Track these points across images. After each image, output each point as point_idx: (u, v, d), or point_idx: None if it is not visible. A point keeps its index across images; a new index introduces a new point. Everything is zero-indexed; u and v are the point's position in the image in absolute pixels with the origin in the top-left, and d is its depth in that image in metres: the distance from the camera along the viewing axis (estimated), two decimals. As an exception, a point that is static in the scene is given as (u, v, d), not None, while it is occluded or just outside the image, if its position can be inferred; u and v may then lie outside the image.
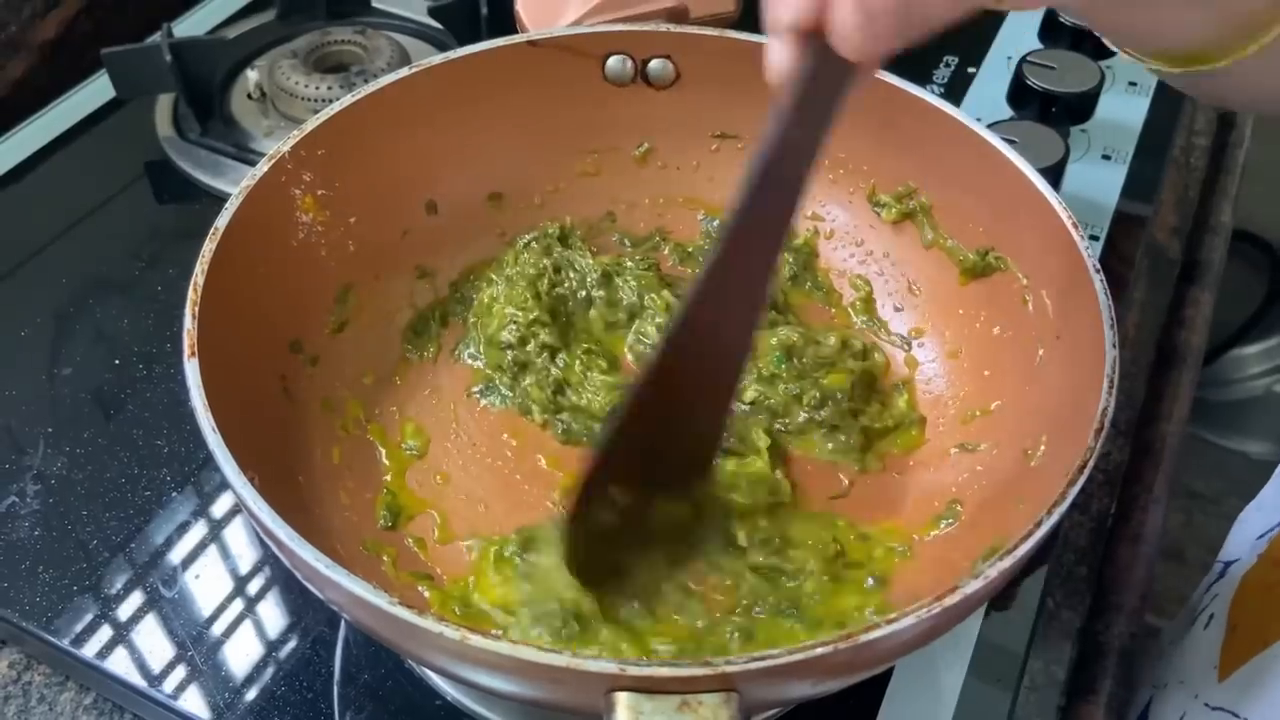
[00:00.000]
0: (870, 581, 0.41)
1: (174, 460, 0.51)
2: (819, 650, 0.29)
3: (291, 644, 0.45)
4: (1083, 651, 0.52)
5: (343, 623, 0.45)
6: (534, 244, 0.51)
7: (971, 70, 0.70)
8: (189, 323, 0.37)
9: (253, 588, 0.47)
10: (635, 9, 0.58)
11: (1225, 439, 1.58)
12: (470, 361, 0.49)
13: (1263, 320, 1.58)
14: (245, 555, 0.48)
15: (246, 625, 0.46)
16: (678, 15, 0.59)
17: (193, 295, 0.38)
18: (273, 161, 0.43)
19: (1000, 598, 0.48)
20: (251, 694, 0.43)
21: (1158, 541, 0.56)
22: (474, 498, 0.45)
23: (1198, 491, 1.53)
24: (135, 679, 0.43)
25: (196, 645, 0.45)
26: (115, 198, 0.65)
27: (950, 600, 0.30)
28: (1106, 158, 0.66)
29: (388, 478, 0.45)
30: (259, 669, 0.44)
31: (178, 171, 0.65)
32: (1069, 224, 0.41)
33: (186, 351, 0.36)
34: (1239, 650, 0.44)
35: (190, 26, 0.74)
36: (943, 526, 0.42)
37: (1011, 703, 0.45)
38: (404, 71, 0.47)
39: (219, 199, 0.63)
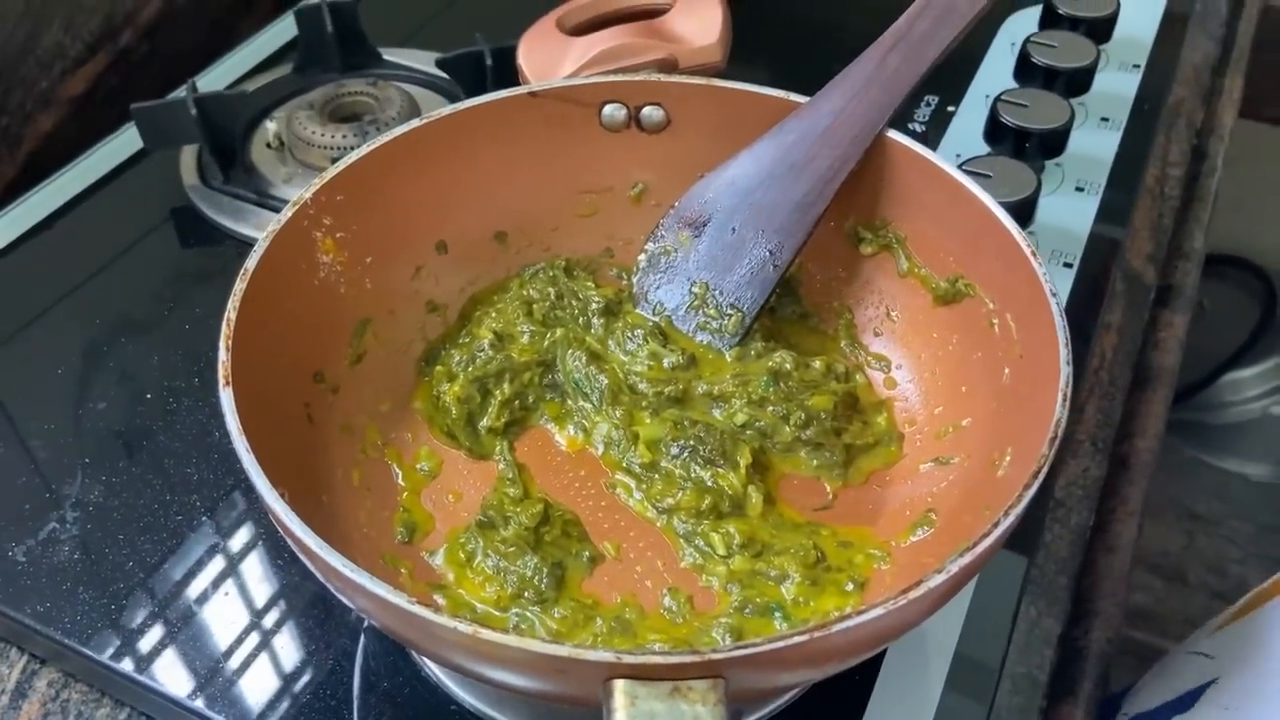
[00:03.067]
0: (850, 585, 0.44)
1: (203, 487, 0.54)
2: (796, 639, 0.32)
3: (316, 656, 0.48)
4: (1063, 656, 0.54)
5: (362, 636, 0.49)
6: (540, 274, 0.54)
7: (951, 109, 0.74)
8: (223, 354, 0.40)
9: (279, 605, 0.50)
10: (628, 61, 0.62)
11: (1224, 461, 1.60)
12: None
13: (1258, 343, 1.61)
14: (272, 574, 0.51)
15: (274, 639, 0.49)
16: (668, 66, 0.62)
17: (226, 330, 0.41)
18: (296, 207, 0.47)
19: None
20: (279, 703, 0.46)
21: (1133, 552, 0.59)
22: (484, 515, 0.48)
23: (1199, 514, 1.55)
24: (172, 691, 0.46)
25: (228, 658, 0.48)
26: (142, 242, 0.68)
27: (915, 593, 0.33)
28: (1080, 189, 0.69)
29: (403, 496, 0.48)
30: (287, 680, 0.47)
31: (202, 217, 0.69)
32: (1028, 252, 0.44)
33: (221, 381, 0.39)
34: None
35: (212, 81, 0.78)
36: (918, 534, 0.45)
37: (989, 706, 0.48)
38: (415, 122, 0.51)
39: (241, 242, 0.67)
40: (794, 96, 0.52)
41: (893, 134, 0.50)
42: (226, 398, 0.39)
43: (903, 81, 0.50)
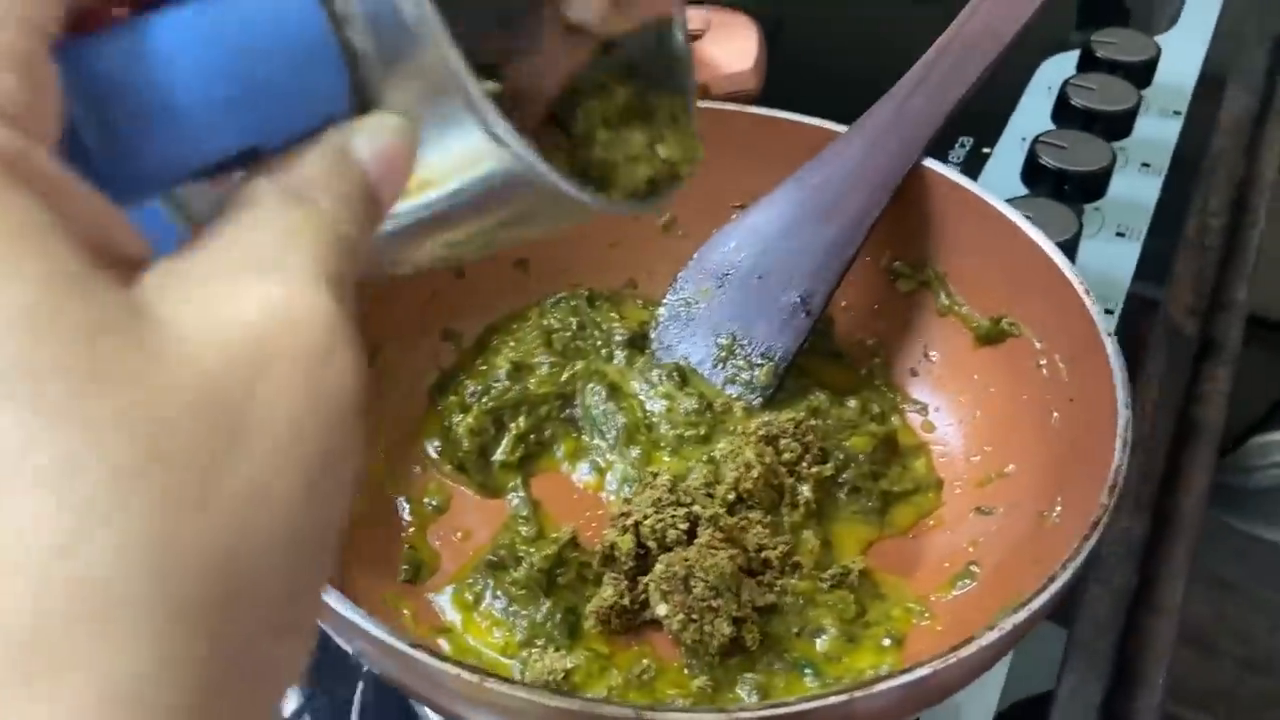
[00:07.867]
0: (887, 641, 0.41)
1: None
2: (833, 699, 0.29)
3: (309, 708, 0.45)
4: (1106, 728, 0.51)
5: (359, 686, 0.46)
6: (561, 304, 0.52)
7: (987, 150, 0.72)
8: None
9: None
10: (659, 87, 0.60)
11: (1252, 526, 1.56)
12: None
13: (1286, 407, 1.58)
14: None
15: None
16: (700, 92, 0.61)
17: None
18: (306, 225, 0.45)
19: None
20: (268, 749, 0.43)
21: (1179, 614, 0.56)
22: (494, 555, 0.45)
23: (1228, 581, 1.51)
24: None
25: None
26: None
27: (965, 651, 0.31)
28: (1121, 235, 0.67)
29: (409, 533, 0.45)
30: (277, 725, 0.44)
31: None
32: (1081, 291, 0.42)
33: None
34: None
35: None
36: (960, 587, 0.42)
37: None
38: (434, 142, 0.49)
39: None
40: (833, 125, 0.50)
41: (933, 164, 0.48)
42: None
43: (926, 124, 0.48)
